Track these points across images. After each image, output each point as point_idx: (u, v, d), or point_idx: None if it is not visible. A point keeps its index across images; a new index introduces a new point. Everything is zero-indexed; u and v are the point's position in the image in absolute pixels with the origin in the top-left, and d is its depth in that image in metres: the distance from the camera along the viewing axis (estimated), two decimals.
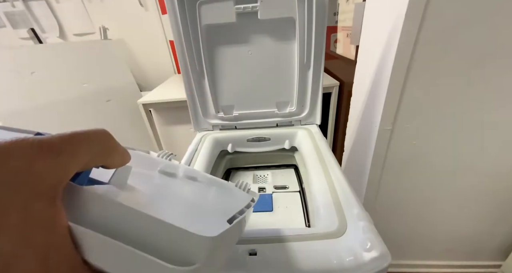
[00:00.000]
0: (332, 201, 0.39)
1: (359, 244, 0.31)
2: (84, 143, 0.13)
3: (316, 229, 0.35)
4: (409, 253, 0.92)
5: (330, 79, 1.13)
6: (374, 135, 0.67)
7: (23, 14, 1.56)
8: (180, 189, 0.24)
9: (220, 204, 0.24)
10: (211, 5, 0.53)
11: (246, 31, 0.58)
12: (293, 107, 0.65)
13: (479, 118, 0.61)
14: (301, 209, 0.55)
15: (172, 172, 0.25)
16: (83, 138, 0.13)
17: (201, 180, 0.28)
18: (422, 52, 0.53)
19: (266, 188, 0.62)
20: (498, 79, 0.55)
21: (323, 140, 0.60)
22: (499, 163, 0.67)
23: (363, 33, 0.72)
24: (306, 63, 0.60)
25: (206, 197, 0.25)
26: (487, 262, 0.90)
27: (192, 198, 0.23)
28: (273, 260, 0.31)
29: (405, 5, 0.48)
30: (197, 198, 0.23)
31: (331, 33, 1.05)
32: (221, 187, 0.30)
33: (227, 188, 0.31)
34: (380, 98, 0.62)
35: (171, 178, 0.25)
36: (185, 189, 0.24)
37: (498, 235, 0.83)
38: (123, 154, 0.16)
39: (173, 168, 0.26)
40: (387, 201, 0.79)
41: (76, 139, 0.13)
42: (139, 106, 1.15)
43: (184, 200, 0.21)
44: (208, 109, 0.67)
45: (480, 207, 0.77)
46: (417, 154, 0.68)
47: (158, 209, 0.17)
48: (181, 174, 0.27)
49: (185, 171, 0.27)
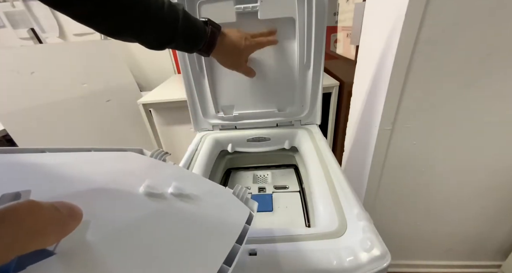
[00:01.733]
0: (332, 201, 0.39)
1: (359, 244, 0.31)
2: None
3: (316, 229, 0.35)
4: (409, 253, 0.92)
5: (330, 79, 1.13)
6: (374, 135, 0.67)
7: (23, 14, 1.56)
8: (163, 227, 0.19)
9: (207, 246, 0.21)
10: (211, 5, 0.53)
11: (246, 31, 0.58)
12: (293, 107, 0.65)
13: (479, 118, 0.61)
14: (301, 209, 0.55)
15: (158, 192, 0.21)
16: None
17: (193, 194, 0.25)
18: (422, 52, 0.53)
19: (266, 188, 0.62)
20: (498, 79, 0.55)
21: (323, 140, 0.60)
22: (499, 163, 0.67)
23: (363, 33, 0.72)
24: (306, 63, 0.60)
25: (192, 234, 0.21)
26: (487, 262, 0.90)
27: (172, 244, 0.18)
28: (273, 260, 0.31)
29: (405, 5, 0.48)
30: (178, 245, 0.19)
31: (331, 33, 1.05)
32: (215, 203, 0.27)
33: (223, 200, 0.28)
34: (380, 98, 0.62)
35: (153, 204, 0.20)
36: (167, 224, 0.20)
37: (498, 235, 0.83)
38: (61, 225, 0.12)
39: (160, 185, 0.22)
40: (387, 201, 0.79)
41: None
42: (139, 106, 1.15)
43: (160, 250, 0.17)
44: (208, 109, 0.67)
45: (480, 207, 0.77)
46: (417, 154, 0.68)
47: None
48: (170, 190, 0.23)
49: (175, 186, 0.24)
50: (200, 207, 0.25)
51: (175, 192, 0.23)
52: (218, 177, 0.67)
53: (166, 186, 0.23)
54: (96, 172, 0.22)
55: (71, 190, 0.16)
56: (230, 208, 0.28)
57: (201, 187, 0.29)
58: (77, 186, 0.17)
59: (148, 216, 0.19)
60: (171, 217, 0.21)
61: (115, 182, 0.21)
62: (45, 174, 0.18)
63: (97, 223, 0.14)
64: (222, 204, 0.28)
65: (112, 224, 0.16)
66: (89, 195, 0.14)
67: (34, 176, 0.17)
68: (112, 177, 0.22)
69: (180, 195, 0.23)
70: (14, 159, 0.19)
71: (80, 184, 0.18)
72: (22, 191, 0.12)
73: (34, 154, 0.22)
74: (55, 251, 0.12)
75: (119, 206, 0.18)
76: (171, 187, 0.23)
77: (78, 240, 0.13)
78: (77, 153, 0.25)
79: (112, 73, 1.34)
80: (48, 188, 0.16)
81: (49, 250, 0.12)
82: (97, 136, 1.26)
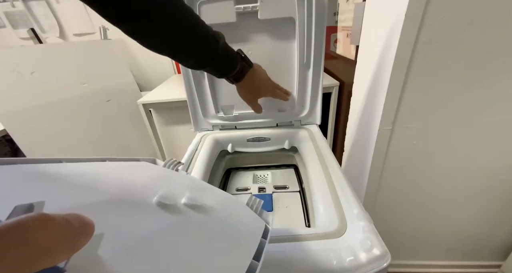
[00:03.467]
0: (332, 201, 0.39)
1: (359, 244, 0.31)
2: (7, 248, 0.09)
3: (316, 229, 0.35)
4: (409, 253, 0.92)
5: (330, 79, 1.13)
6: (374, 135, 0.67)
7: (23, 14, 1.56)
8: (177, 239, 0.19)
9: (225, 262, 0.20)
10: (212, 5, 0.53)
11: (246, 31, 0.58)
12: (293, 107, 0.65)
13: (479, 118, 0.61)
14: (301, 209, 0.55)
15: (172, 203, 0.21)
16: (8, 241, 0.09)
17: (207, 204, 0.24)
18: (422, 52, 0.53)
19: (266, 188, 0.62)
20: (498, 79, 0.55)
21: (323, 140, 0.60)
22: (499, 163, 0.67)
23: (363, 33, 0.72)
24: (306, 63, 0.60)
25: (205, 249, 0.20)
26: (487, 262, 0.90)
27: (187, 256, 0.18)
28: (273, 260, 0.31)
29: (405, 5, 0.48)
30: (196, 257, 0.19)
31: (331, 33, 1.06)
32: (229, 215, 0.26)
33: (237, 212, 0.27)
34: (380, 98, 0.62)
35: (167, 215, 0.20)
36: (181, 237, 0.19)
37: (498, 235, 0.83)
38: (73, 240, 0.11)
39: (173, 196, 0.22)
40: (387, 201, 0.79)
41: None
42: (139, 106, 1.15)
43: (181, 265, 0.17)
44: (208, 109, 0.67)
45: (480, 207, 0.77)
46: (417, 154, 0.68)
47: None
48: (183, 201, 0.23)
49: (188, 196, 0.23)
50: (214, 219, 0.24)
51: (188, 203, 0.23)
52: (218, 177, 0.67)
53: (180, 197, 0.23)
54: (109, 182, 0.22)
55: (84, 201, 0.16)
56: (245, 221, 0.27)
57: (214, 198, 0.28)
58: (90, 197, 0.17)
59: (161, 229, 0.19)
60: (185, 229, 0.20)
61: (129, 193, 0.21)
62: (60, 184, 0.18)
63: (110, 237, 0.14)
64: (236, 216, 0.27)
65: (125, 237, 0.16)
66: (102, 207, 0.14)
67: (49, 187, 0.17)
68: (126, 188, 0.22)
69: (193, 206, 0.23)
70: (29, 169, 0.19)
71: (94, 195, 0.17)
72: (36, 203, 0.12)
73: (50, 164, 0.22)
74: (65, 268, 0.11)
75: (132, 218, 0.18)
76: (184, 197, 0.23)
77: (90, 255, 0.13)
78: (92, 163, 0.25)
79: (112, 73, 1.34)
80: (62, 199, 0.15)
81: (60, 268, 0.11)
82: (97, 136, 1.26)
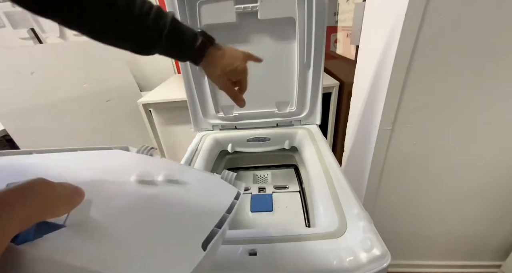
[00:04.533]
0: (332, 201, 0.39)
1: (359, 244, 0.31)
2: (18, 201, 0.11)
3: (316, 229, 0.35)
4: (409, 253, 0.92)
5: (330, 79, 1.13)
6: (374, 135, 0.67)
7: (23, 14, 1.56)
8: (154, 205, 0.21)
9: (200, 216, 0.23)
10: (211, 5, 0.53)
11: (246, 31, 0.58)
12: (293, 107, 0.65)
13: (479, 118, 0.61)
14: (301, 209, 0.55)
15: (149, 179, 0.24)
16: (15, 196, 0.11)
17: (183, 180, 0.27)
18: (422, 52, 0.53)
19: (266, 188, 0.62)
20: (498, 79, 0.55)
21: (323, 140, 0.60)
22: (499, 163, 0.67)
23: (363, 33, 0.72)
24: (306, 63, 0.60)
25: (185, 209, 0.23)
26: (487, 262, 0.90)
27: (168, 218, 0.21)
28: (273, 260, 0.31)
29: (405, 5, 0.48)
30: (173, 217, 0.21)
31: (331, 33, 1.05)
32: (204, 187, 0.29)
33: (211, 183, 0.30)
34: (380, 98, 0.62)
35: (146, 188, 0.23)
36: (161, 204, 0.22)
37: (498, 235, 0.83)
38: (70, 198, 0.14)
39: (150, 174, 0.24)
40: (387, 201, 0.79)
41: (8, 199, 0.11)
42: (139, 106, 1.15)
43: (158, 223, 0.20)
44: (208, 109, 0.67)
45: (480, 207, 0.77)
46: (417, 154, 0.68)
47: (121, 251, 0.15)
48: (160, 178, 0.25)
49: (164, 174, 0.25)
50: (190, 189, 0.27)
51: (165, 179, 0.25)
52: None
53: (157, 175, 0.25)
54: (84, 168, 0.24)
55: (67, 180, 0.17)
56: (219, 189, 0.30)
57: (190, 174, 0.30)
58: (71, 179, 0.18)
59: (142, 198, 0.21)
60: (164, 198, 0.23)
61: (105, 174, 0.23)
62: (34, 174, 0.19)
63: (97, 204, 0.16)
64: (211, 186, 0.30)
65: (111, 204, 0.18)
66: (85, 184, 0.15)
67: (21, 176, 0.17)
68: (101, 172, 0.24)
69: (170, 181, 0.25)
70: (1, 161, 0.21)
71: (73, 178, 0.19)
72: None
73: (20, 156, 0.24)
74: (65, 224, 0.14)
75: (114, 190, 0.20)
76: (160, 175, 0.25)
77: (83, 216, 0.15)
78: (64, 153, 0.27)
79: (112, 73, 1.34)
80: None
81: (60, 224, 0.14)
82: (97, 136, 1.26)
